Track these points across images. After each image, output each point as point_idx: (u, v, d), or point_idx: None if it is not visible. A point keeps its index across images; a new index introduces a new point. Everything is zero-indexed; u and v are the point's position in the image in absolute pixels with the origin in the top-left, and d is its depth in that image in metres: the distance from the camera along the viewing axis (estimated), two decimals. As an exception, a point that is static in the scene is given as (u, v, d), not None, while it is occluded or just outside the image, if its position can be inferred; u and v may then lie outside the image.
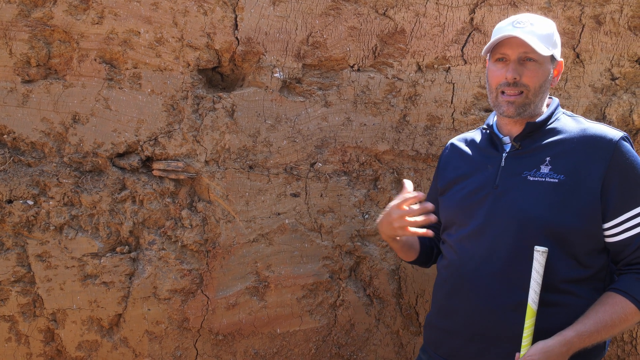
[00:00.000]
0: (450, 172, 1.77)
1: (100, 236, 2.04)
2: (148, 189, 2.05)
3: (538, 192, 1.52)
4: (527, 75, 1.54)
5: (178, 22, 2.00)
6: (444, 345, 1.68)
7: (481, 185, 1.63)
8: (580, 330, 1.42)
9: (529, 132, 1.59)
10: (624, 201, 1.48)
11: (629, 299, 1.44)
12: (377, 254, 2.27)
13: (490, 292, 1.55)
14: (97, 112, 1.99)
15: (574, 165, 1.51)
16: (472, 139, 1.79)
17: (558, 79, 1.65)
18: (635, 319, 1.45)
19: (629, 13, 2.29)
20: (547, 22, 1.59)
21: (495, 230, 1.56)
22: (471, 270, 1.59)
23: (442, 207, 1.78)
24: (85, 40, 1.96)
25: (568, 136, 1.56)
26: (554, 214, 1.49)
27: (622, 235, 1.48)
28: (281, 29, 2.09)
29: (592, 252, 1.52)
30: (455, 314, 1.64)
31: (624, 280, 1.49)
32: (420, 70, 2.23)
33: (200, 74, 2.09)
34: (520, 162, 1.58)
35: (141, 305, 2.09)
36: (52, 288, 2.02)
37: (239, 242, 2.14)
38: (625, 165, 1.49)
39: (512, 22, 1.58)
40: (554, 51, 1.57)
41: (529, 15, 1.60)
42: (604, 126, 1.56)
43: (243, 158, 2.11)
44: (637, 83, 2.38)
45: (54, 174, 1.99)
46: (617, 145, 1.49)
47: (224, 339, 2.18)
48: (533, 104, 1.57)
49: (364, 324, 2.31)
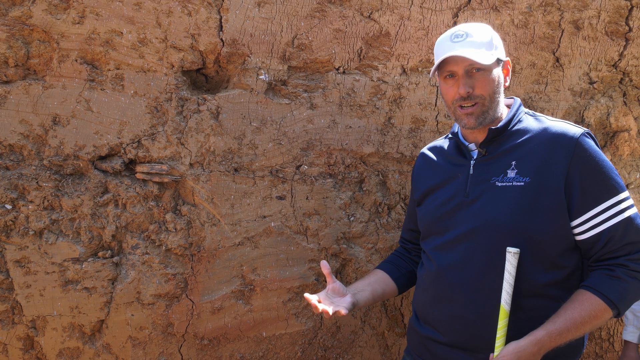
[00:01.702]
0: (423, 183, 1.80)
1: (81, 241, 2.00)
2: (131, 192, 2.01)
3: (506, 198, 1.53)
4: (478, 86, 1.56)
5: (162, 23, 1.97)
6: (426, 352, 1.70)
7: (453, 194, 1.65)
8: (550, 329, 1.44)
9: (492, 137, 1.61)
10: (589, 198, 1.48)
11: (599, 296, 1.45)
12: (363, 256, 2.28)
13: (467, 300, 1.57)
14: (78, 114, 1.94)
15: (538, 166, 1.52)
16: (441, 146, 1.82)
17: (509, 78, 1.67)
18: (605, 316, 1.46)
19: (606, 18, 2.35)
20: (483, 28, 1.60)
21: (469, 239, 1.58)
22: (448, 279, 1.61)
23: (419, 217, 1.81)
24: (65, 40, 1.91)
25: (530, 137, 1.57)
26: (523, 217, 1.50)
27: (590, 232, 1.49)
28: (266, 31, 2.07)
29: (564, 252, 1.53)
30: (436, 322, 1.66)
31: (594, 277, 1.50)
32: (404, 73, 2.24)
33: (185, 75, 2.06)
34: (488, 168, 1.60)
35: (124, 310, 2.05)
36: (32, 294, 1.97)
37: (224, 246, 2.12)
38: (587, 161, 1.49)
39: (450, 36, 1.60)
40: (497, 54, 1.58)
41: (465, 26, 1.61)
42: (565, 123, 1.57)
43: (228, 161, 2.09)
44: (613, 87, 2.44)
45: (34, 177, 1.93)
46: (578, 142, 1.49)
47: (209, 344, 2.16)
48: (491, 109, 1.59)
49: (350, 326, 2.31)
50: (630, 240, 1.47)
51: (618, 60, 2.40)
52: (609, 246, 1.48)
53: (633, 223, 1.48)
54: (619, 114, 2.44)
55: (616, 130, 2.46)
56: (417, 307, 1.77)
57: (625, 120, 2.46)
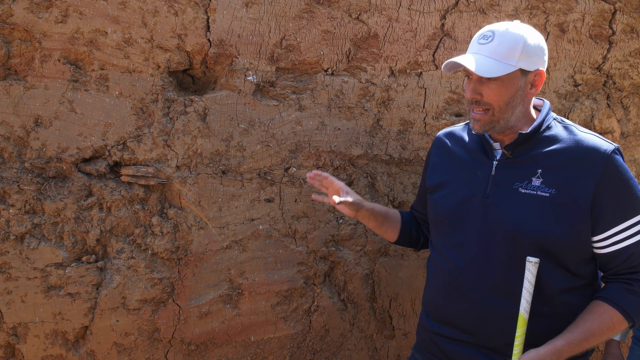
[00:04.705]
0: (438, 172, 1.77)
1: (64, 245, 1.95)
2: (116, 195, 1.97)
3: (529, 205, 1.52)
4: (488, 95, 1.51)
5: (147, 23, 1.94)
6: (436, 348, 1.70)
7: (472, 193, 1.63)
8: (570, 339, 1.46)
9: (521, 141, 1.58)
10: (614, 215, 1.49)
11: (617, 308, 1.48)
12: (352, 259, 2.27)
13: (484, 302, 1.57)
14: (61, 115, 1.89)
15: (565, 179, 1.50)
16: (461, 136, 1.76)
17: (539, 89, 1.58)
18: (621, 327, 1.49)
19: (590, 22, 2.38)
20: (517, 34, 1.50)
21: (489, 242, 1.57)
22: (464, 278, 1.61)
23: (431, 207, 1.78)
24: (48, 40, 1.86)
25: (560, 148, 1.54)
26: (545, 227, 1.50)
27: (611, 247, 1.51)
28: (254, 32, 2.05)
29: (581, 262, 1.55)
30: (448, 318, 1.66)
31: (612, 289, 1.53)
32: (393, 75, 2.24)
33: (171, 76, 2.02)
34: (511, 172, 1.58)
35: (109, 316, 2.00)
36: (13, 301, 1.91)
37: (211, 249, 2.09)
38: (615, 179, 1.49)
39: (479, 35, 1.55)
40: (521, 65, 1.48)
41: (498, 26, 1.53)
42: (596, 138, 1.54)
43: (216, 163, 2.06)
44: (597, 89, 2.48)
45: (15, 180, 1.88)
46: (609, 159, 1.49)
47: (197, 349, 2.12)
48: (502, 120, 1.54)
49: (339, 329, 2.30)
50: None
51: (602, 63, 2.43)
52: (628, 262, 1.50)
53: None
54: (603, 116, 2.48)
55: (600, 133, 2.49)
56: (428, 304, 1.76)
57: (609, 123, 2.49)
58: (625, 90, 2.49)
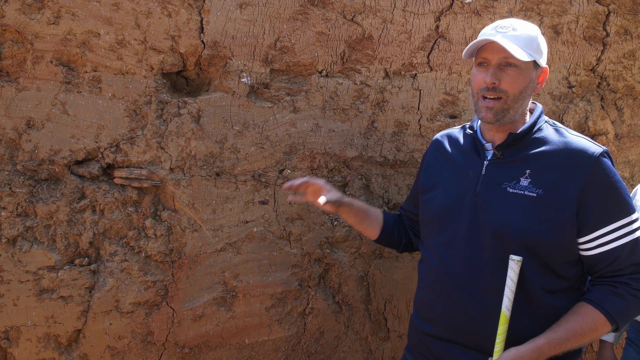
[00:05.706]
0: (433, 172, 1.78)
1: (57, 248, 1.93)
2: (109, 197, 1.95)
3: (516, 205, 1.53)
4: (506, 81, 1.53)
5: (141, 24, 1.92)
6: (424, 348, 1.70)
7: (462, 192, 1.64)
8: (551, 338, 1.46)
9: (511, 142, 1.60)
10: (600, 217, 1.49)
11: (600, 310, 1.48)
12: (346, 261, 2.26)
13: (467, 297, 1.58)
14: (54, 117, 1.88)
15: (553, 180, 1.51)
16: (457, 138, 1.79)
17: (542, 85, 1.64)
18: (604, 330, 1.49)
19: (584, 24, 2.39)
20: (531, 27, 1.57)
21: (476, 241, 1.58)
22: (453, 278, 1.61)
23: (423, 207, 1.79)
24: (40, 41, 1.84)
25: (549, 149, 1.56)
26: (530, 227, 1.50)
27: (597, 250, 1.51)
28: (248, 33, 2.04)
29: (567, 264, 1.55)
30: (438, 320, 1.66)
31: (597, 291, 1.53)
32: (387, 77, 2.23)
33: (165, 78, 2.01)
34: (501, 172, 1.59)
35: (102, 319, 1.99)
36: (5, 304, 1.90)
37: (205, 252, 2.08)
38: (602, 181, 1.50)
39: (495, 26, 1.58)
40: (536, 57, 1.54)
41: (513, 20, 1.58)
42: (585, 140, 1.56)
43: (210, 165, 2.05)
44: (592, 91, 2.48)
45: (6, 182, 1.86)
46: (596, 162, 1.50)
47: (191, 352, 2.11)
48: (512, 109, 1.56)
49: (333, 331, 2.29)
50: (636, 261, 1.50)
51: (596, 65, 2.44)
52: (614, 265, 1.50)
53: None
54: (597, 118, 2.48)
55: (594, 134, 2.50)
56: (419, 303, 1.77)
57: (603, 124, 2.50)
58: (619, 92, 2.49)
